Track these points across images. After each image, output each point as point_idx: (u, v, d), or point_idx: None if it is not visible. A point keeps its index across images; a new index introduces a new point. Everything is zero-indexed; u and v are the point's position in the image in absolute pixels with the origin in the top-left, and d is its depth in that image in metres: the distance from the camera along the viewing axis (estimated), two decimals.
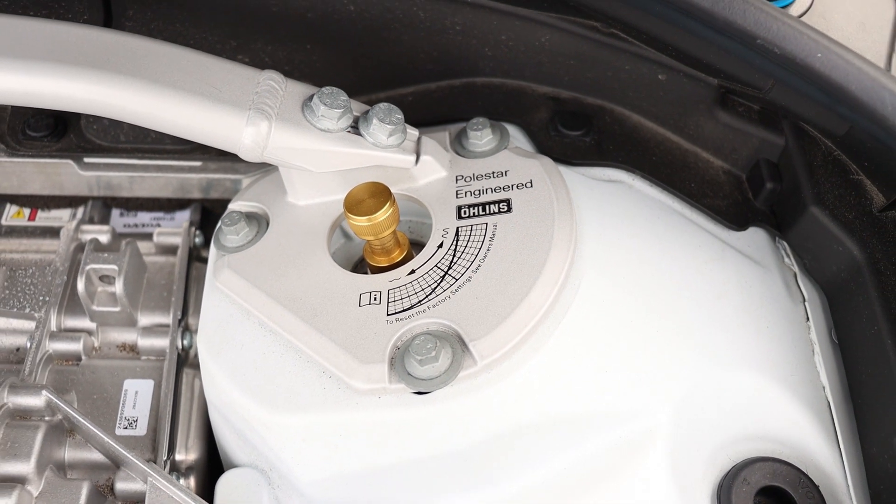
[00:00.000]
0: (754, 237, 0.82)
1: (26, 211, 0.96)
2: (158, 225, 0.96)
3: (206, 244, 0.92)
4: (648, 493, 0.66)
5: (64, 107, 0.67)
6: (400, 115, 0.73)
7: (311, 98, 0.72)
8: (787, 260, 0.81)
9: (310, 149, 0.71)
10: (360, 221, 0.69)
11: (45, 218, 0.96)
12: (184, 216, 0.97)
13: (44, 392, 0.72)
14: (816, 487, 0.69)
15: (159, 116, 0.69)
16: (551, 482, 0.66)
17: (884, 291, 0.71)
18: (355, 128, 0.73)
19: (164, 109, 0.68)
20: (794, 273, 0.80)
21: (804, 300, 0.78)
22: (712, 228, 0.81)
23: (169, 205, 0.96)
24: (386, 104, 0.73)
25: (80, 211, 0.94)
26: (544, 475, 0.66)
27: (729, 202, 0.82)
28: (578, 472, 0.66)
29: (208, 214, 0.97)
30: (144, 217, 0.97)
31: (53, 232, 0.93)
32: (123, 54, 0.68)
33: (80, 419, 0.71)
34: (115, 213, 0.97)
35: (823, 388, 0.74)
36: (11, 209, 0.96)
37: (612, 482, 0.66)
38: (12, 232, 0.93)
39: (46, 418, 0.73)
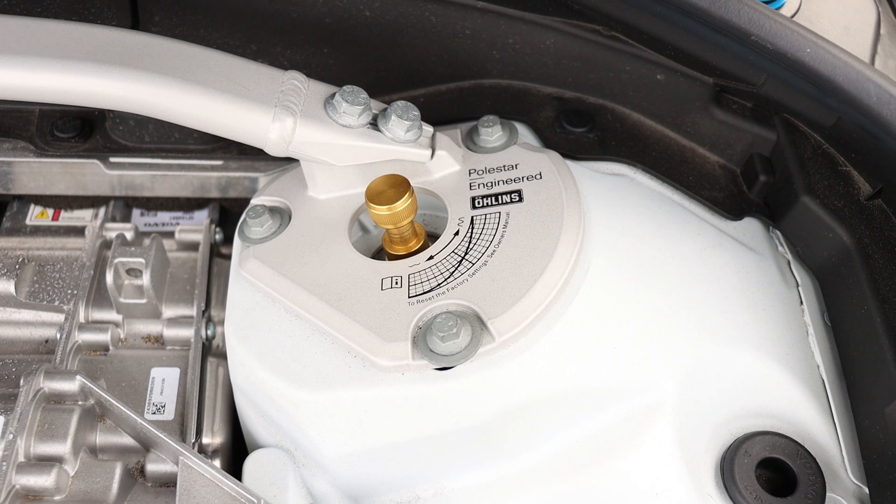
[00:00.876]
0: (749, 227, 0.87)
1: (49, 211, 1.00)
2: (178, 224, 1.00)
3: (226, 241, 0.96)
4: (656, 464, 0.70)
5: (102, 104, 0.71)
6: (417, 112, 0.77)
7: (332, 96, 0.76)
8: (780, 248, 0.86)
9: (332, 143, 0.75)
10: (381, 210, 0.73)
11: (67, 218, 0.99)
12: (202, 215, 1.01)
13: (78, 377, 0.76)
14: (813, 458, 0.72)
15: (191, 113, 0.73)
16: (565, 454, 0.70)
17: (872, 274, 0.75)
18: (374, 124, 0.78)
19: (196, 106, 0.72)
20: (787, 260, 0.85)
21: (798, 285, 0.83)
22: (710, 218, 0.86)
23: (188, 204, 1.00)
24: (403, 102, 0.77)
25: (103, 210, 0.98)
26: (558, 447, 0.70)
27: (725, 194, 0.87)
28: (590, 443, 0.70)
29: (226, 214, 1.01)
30: (164, 216, 1.01)
31: (77, 231, 0.97)
32: (157, 55, 0.72)
33: (114, 402, 0.75)
34: (136, 212, 1.01)
35: (818, 366, 0.78)
36: (35, 210, 1.00)
37: (622, 453, 0.70)
38: (37, 231, 0.97)
39: (80, 403, 0.77)
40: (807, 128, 0.83)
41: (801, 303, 0.82)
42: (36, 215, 0.99)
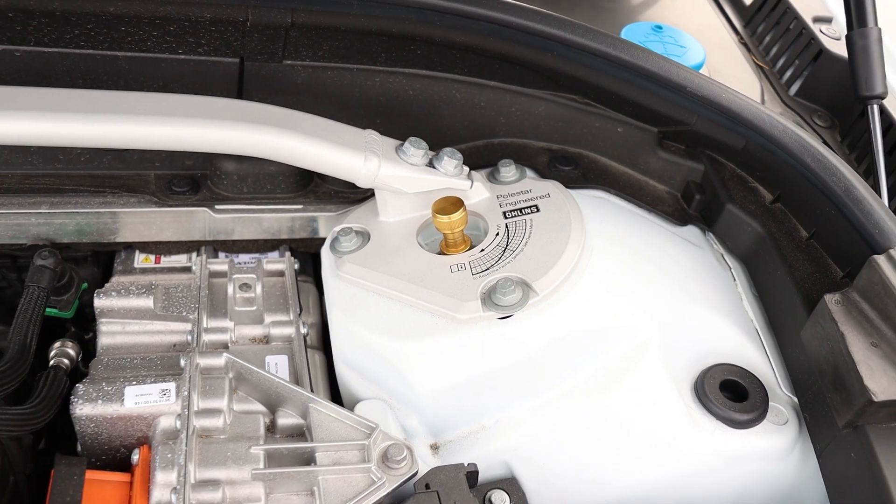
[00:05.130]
0: (691, 232, 1.20)
1: (152, 257, 1.25)
2: (255, 262, 1.26)
3: (300, 271, 1.23)
4: (651, 383, 0.99)
5: (248, 152, 1.01)
6: (460, 155, 1.10)
7: (402, 144, 1.08)
8: (715, 246, 1.20)
9: (405, 176, 1.07)
10: (443, 219, 1.04)
11: (167, 261, 1.25)
12: (274, 255, 1.28)
13: (225, 353, 1.00)
14: (758, 378, 1.02)
15: (306, 157, 1.03)
16: (589, 379, 0.99)
17: (781, 251, 1.08)
18: (431, 164, 1.10)
19: (310, 152, 1.03)
20: (720, 253, 1.19)
21: (730, 268, 1.16)
22: (664, 224, 1.19)
23: (264, 246, 1.27)
24: (450, 148, 1.10)
25: (195, 254, 1.24)
26: (584, 374, 0.99)
27: (672, 209, 1.21)
28: (606, 369, 0.99)
29: (293, 253, 1.28)
30: (244, 257, 1.28)
31: (179, 269, 1.22)
32: (283, 119, 1.03)
33: (252, 368, 0.99)
34: (221, 255, 1.28)
35: (752, 320, 1.11)
36: (140, 256, 1.25)
37: (628, 376, 0.99)
38: (146, 271, 1.22)
39: (224, 375, 1.01)
40: (724, 159, 1.19)
41: (735, 280, 1.15)
42: (141, 260, 1.25)
